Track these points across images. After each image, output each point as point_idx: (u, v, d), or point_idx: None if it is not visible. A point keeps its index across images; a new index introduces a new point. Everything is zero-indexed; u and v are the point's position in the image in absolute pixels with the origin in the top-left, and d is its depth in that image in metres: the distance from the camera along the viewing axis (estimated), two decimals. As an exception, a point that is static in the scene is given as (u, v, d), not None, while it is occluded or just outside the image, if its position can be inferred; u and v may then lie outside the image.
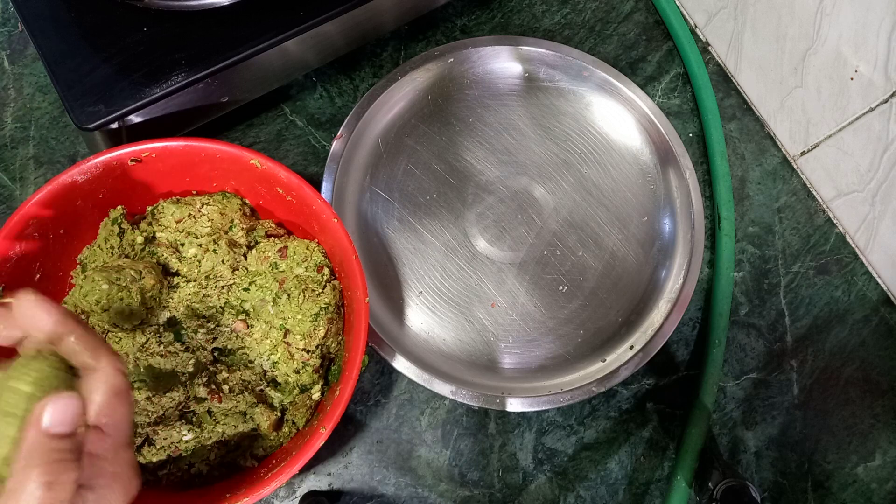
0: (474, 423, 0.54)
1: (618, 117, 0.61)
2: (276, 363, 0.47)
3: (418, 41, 0.63)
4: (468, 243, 0.57)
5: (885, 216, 0.57)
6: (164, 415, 0.44)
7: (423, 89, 0.59)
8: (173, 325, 0.46)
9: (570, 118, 0.61)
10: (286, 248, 0.48)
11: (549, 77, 0.61)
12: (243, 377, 0.46)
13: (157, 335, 0.45)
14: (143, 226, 0.49)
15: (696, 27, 0.67)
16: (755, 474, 0.56)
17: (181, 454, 0.44)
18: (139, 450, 0.44)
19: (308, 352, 0.46)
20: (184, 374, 0.45)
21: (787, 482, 0.56)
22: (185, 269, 0.48)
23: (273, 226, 0.51)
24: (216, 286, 0.47)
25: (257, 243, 0.49)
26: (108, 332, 0.44)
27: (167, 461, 0.44)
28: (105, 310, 0.44)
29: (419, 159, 0.58)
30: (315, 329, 0.46)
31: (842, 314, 0.60)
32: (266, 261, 0.48)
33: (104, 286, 0.44)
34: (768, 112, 0.64)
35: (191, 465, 0.45)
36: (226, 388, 0.45)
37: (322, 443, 0.42)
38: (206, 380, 0.45)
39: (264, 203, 0.50)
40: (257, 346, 0.47)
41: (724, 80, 0.65)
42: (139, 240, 0.48)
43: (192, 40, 0.47)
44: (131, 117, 0.46)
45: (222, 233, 0.48)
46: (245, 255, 0.49)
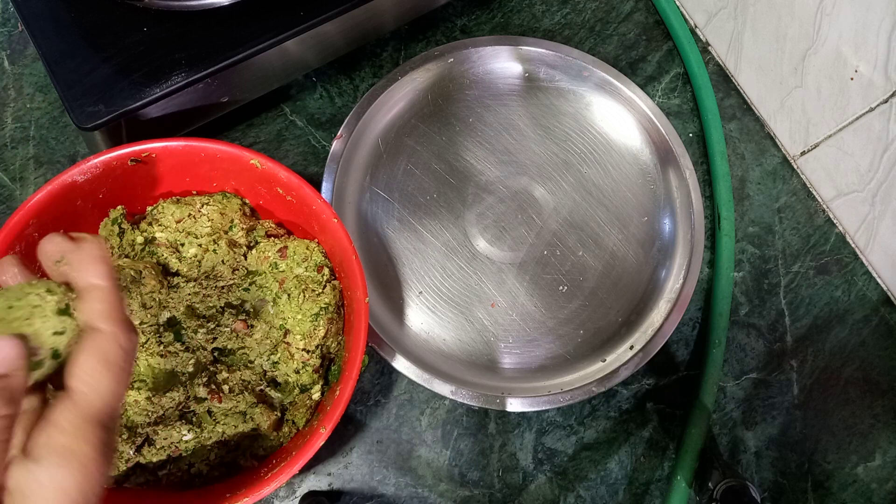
0: (474, 423, 0.54)
1: (618, 117, 0.61)
2: (276, 363, 0.47)
3: (418, 41, 0.63)
4: (468, 243, 0.57)
5: (885, 216, 0.57)
6: (164, 415, 0.44)
7: (423, 89, 0.59)
8: (173, 325, 0.46)
9: (570, 118, 0.61)
10: (286, 248, 0.48)
11: (549, 77, 0.61)
12: (243, 377, 0.46)
13: (157, 335, 0.45)
14: (143, 226, 0.49)
15: (696, 27, 0.67)
16: (755, 474, 0.56)
17: (181, 454, 0.44)
18: (139, 450, 0.44)
19: (308, 352, 0.47)
20: (184, 374, 0.45)
21: (787, 482, 0.56)
22: (185, 269, 0.48)
23: (273, 226, 0.51)
24: (216, 286, 0.47)
25: (257, 243, 0.49)
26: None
27: (167, 461, 0.44)
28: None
29: (419, 159, 0.58)
30: (315, 329, 0.46)
31: (842, 314, 0.60)
32: (266, 261, 0.48)
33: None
34: (768, 112, 0.64)
35: (191, 465, 0.45)
36: (226, 388, 0.45)
37: (322, 443, 0.42)
38: (206, 380, 0.45)
39: (264, 203, 0.50)
40: (257, 346, 0.47)
41: (724, 80, 0.65)
42: (139, 240, 0.48)
43: (192, 40, 0.47)
44: (131, 117, 0.46)
45: (222, 233, 0.48)
46: (245, 255, 0.49)
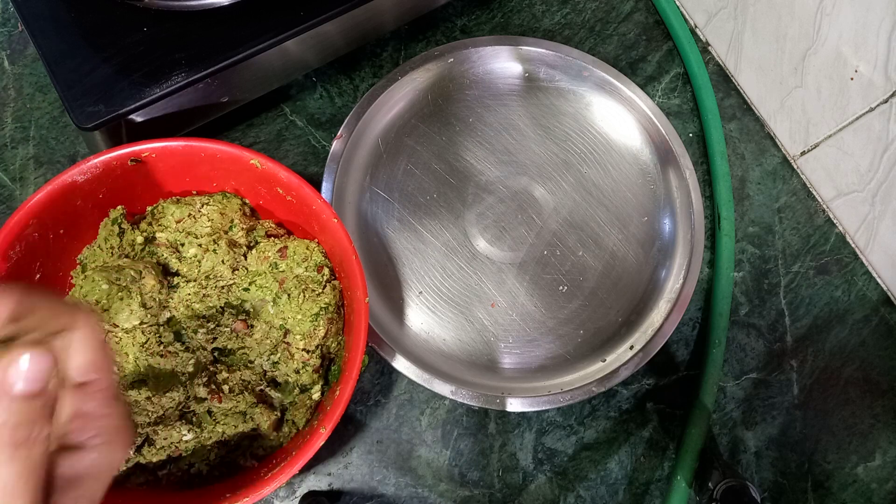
0: (474, 423, 0.54)
1: (618, 117, 0.61)
2: (276, 363, 0.47)
3: (418, 41, 0.63)
4: (468, 243, 0.57)
5: (885, 216, 0.57)
6: (164, 415, 0.44)
7: (423, 89, 0.59)
8: (173, 325, 0.46)
9: (570, 118, 0.61)
10: (286, 248, 0.48)
11: (549, 77, 0.61)
12: (243, 377, 0.46)
13: (157, 335, 0.45)
14: (143, 226, 0.49)
15: (696, 27, 0.67)
16: (755, 474, 0.56)
17: (181, 454, 0.44)
18: (139, 450, 0.44)
19: (308, 352, 0.47)
20: (184, 374, 0.45)
21: (787, 482, 0.56)
22: (185, 269, 0.48)
23: (273, 226, 0.51)
24: (216, 286, 0.47)
25: (257, 243, 0.49)
26: (109, 332, 0.44)
27: (167, 461, 0.44)
28: (105, 310, 0.44)
29: (419, 159, 0.58)
30: (315, 329, 0.46)
31: (842, 314, 0.60)
32: (266, 261, 0.48)
33: (104, 286, 0.44)
34: (768, 112, 0.64)
35: (191, 465, 0.45)
36: (226, 388, 0.45)
37: (322, 443, 0.42)
38: (206, 380, 0.45)
39: (264, 203, 0.50)
40: (257, 346, 0.47)
41: (724, 80, 0.65)
42: (139, 240, 0.48)
43: (192, 40, 0.47)
44: (131, 117, 0.46)
45: (222, 233, 0.48)
46: (245, 255, 0.49)
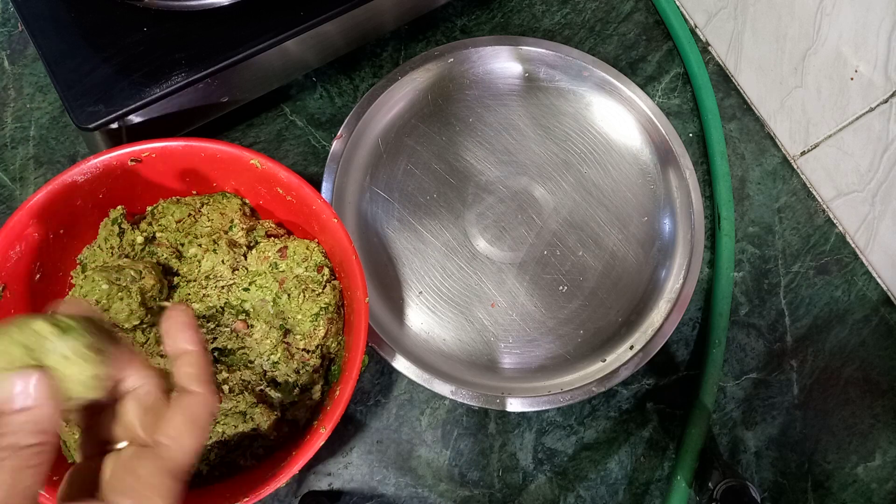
0: (474, 423, 0.54)
1: (618, 117, 0.61)
2: (276, 363, 0.46)
3: (418, 41, 0.63)
4: (468, 243, 0.57)
5: (885, 216, 0.57)
6: (164, 415, 0.44)
7: (423, 89, 0.59)
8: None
9: (570, 118, 0.61)
10: (286, 248, 0.48)
11: (549, 77, 0.61)
12: (243, 377, 0.46)
13: (157, 335, 0.45)
14: (143, 226, 0.49)
15: (696, 27, 0.67)
16: (755, 474, 0.56)
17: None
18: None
19: (308, 352, 0.47)
20: (184, 374, 0.45)
21: (787, 482, 0.56)
22: (185, 269, 0.48)
23: (273, 226, 0.51)
24: (216, 286, 0.47)
25: (257, 243, 0.49)
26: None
27: (167, 461, 0.44)
28: (105, 310, 0.44)
29: (419, 159, 0.58)
30: (315, 329, 0.46)
31: (842, 314, 0.60)
32: (266, 261, 0.48)
33: (104, 286, 0.44)
34: (768, 112, 0.64)
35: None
36: (226, 388, 0.45)
37: (322, 443, 0.42)
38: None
39: (264, 203, 0.50)
40: (257, 346, 0.47)
41: (724, 80, 0.65)
42: (139, 240, 0.48)
43: (192, 40, 0.47)
44: (131, 117, 0.46)
45: (222, 233, 0.48)
46: (245, 255, 0.49)
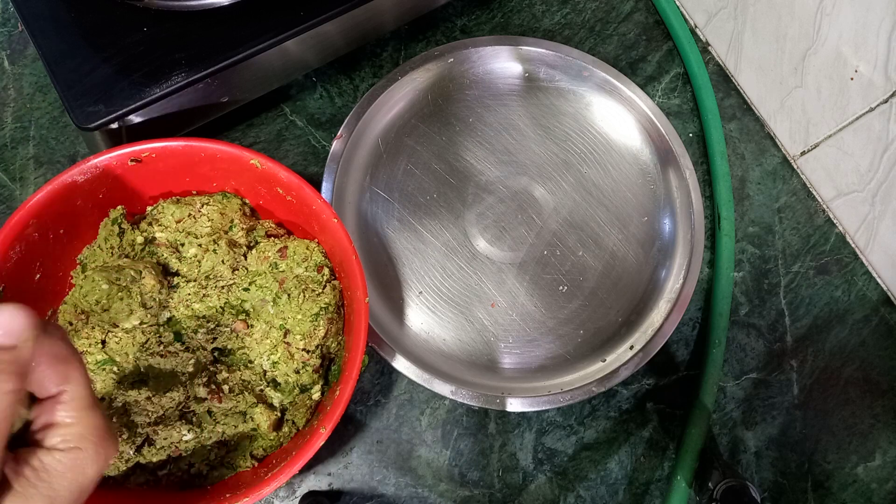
0: (474, 423, 0.54)
1: (618, 117, 0.61)
2: (276, 363, 0.46)
3: (418, 41, 0.63)
4: (468, 243, 0.57)
5: (885, 216, 0.57)
6: (164, 415, 0.44)
7: (423, 89, 0.59)
8: (173, 325, 0.46)
9: (570, 118, 0.61)
10: (286, 248, 0.48)
11: (549, 77, 0.61)
12: (243, 377, 0.46)
13: (157, 335, 0.45)
14: (143, 226, 0.49)
15: (696, 27, 0.67)
16: (755, 474, 0.56)
17: (181, 454, 0.44)
18: (139, 450, 0.44)
19: (308, 352, 0.46)
20: (184, 374, 0.45)
21: (787, 482, 0.56)
22: (185, 269, 0.48)
23: (273, 226, 0.51)
24: (216, 286, 0.47)
25: (257, 243, 0.49)
26: (109, 332, 0.44)
27: (167, 461, 0.44)
28: (105, 310, 0.44)
29: (419, 159, 0.58)
30: (315, 329, 0.46)
31: (842, 314, 0.60)
32: (266, 261, 0.48)
33: (104, 286, 0.44)
34: (768, 112, 0.64)
35: (191, 465, 0.45)
36: (226, 388, 0.45)
37: (322, 443, 0.42)
38: (206, 380, 0.45)
39: (264, 203, 0.50)
40: (257, 346, 0.47)
41: (724, 80, 0.65)
42: (139, 240, 0.48)
43: (192, 40, 0.47)
44: (131, 117, 0.46)
45: (222, 233, 0.48)
46: (245, 255, 0.49)
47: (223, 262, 0.47)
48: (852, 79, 0.54)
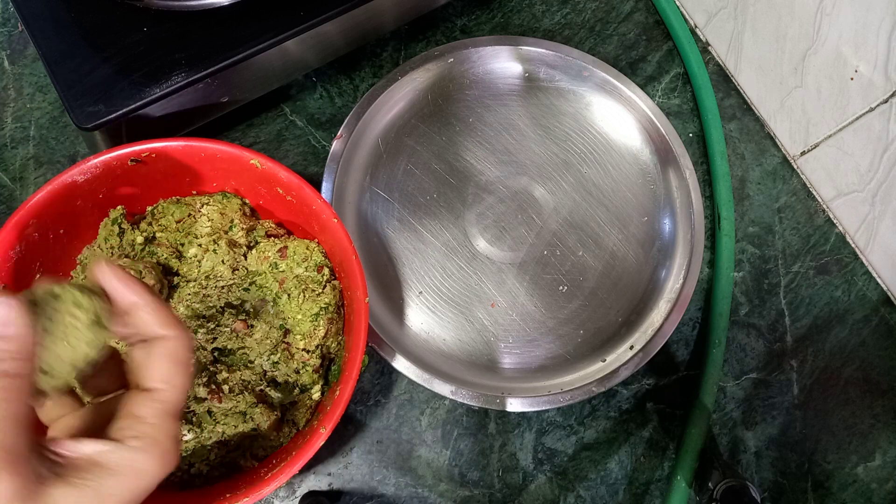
0: (474, 423, 0.54)
1: (618, 117, 0.61)
2: (276, 363, 0.47)
3: (418, 41, 0.63)
4: (468, 243, 0.57)
5: (885, 216, 0.57)
6: (164, 415, 0.44)
7: (423, 89, 0.59)
8: (173, 325, 0.46)
9: (570, 118, 0.61)
10: (286, 248, 0.48)
11: (549, 77, 0.61)
12: (243, 377, 0.46)
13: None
14: (143, 226, 0.49)
15: (696, 27, 0.67)
16: (755, 474, 0.56)
17: (181, 454, 0.44)
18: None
19: (308, 352, 0.47)
20: (184, 374, 0.45)
21: (787, 482, 0.56)
22: (185, 269, 0.48)
23: (273, 226, 0.51)
24: (216, 286, 0.47)
25: (257, 243, 0.50)
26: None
27: (167, 461, 0.44)
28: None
29: (419, 159, 0.58)
30: (315, 329, 0.46)
31: (842, 314, 0.60)
32: (266, 261, 0.48)
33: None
34: (768, 112, 0.64)
35: (191, 465, 0.45)
36: (226, 388, 0.45)
37: (322, 443, 0.42)
38: (206, 380, 0.45)
39: (264, 203, 0.50)
40: (257, 346, 0.47)
41: (724, 80, 0.65)
42: (139, 240, 0.48)
43: (192, 40, 0.47)
44: (131, 117, 0.46)
45: (222, 233, 0.48)
46: (245, 255, 0.49)
47: (223, 262, 0.47)
48: (852, 79, 0.54)
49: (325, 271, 0.48)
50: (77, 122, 0.45)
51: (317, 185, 0.52)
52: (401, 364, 0.51)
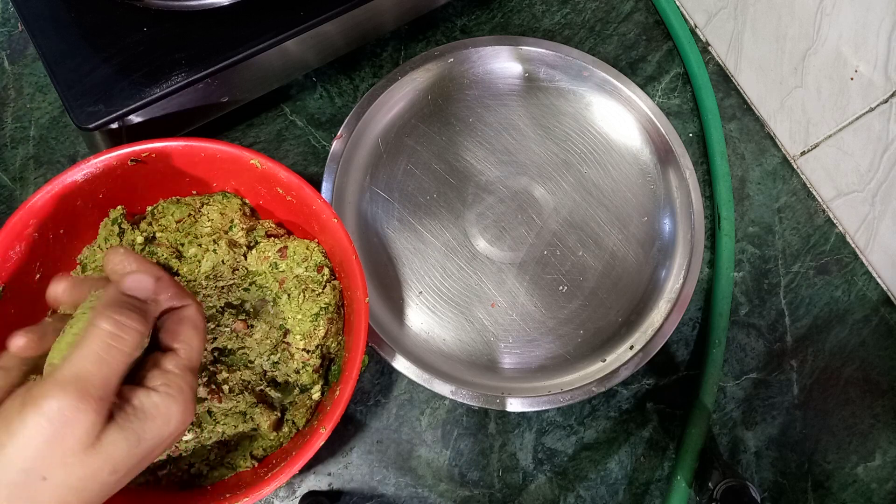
0: (474, 423, 0.54)
1: (618, 117, 0.61)
2: (276, 363, 0.47)
3: (418, 41, 0.63)
4: (468, 243, 0.57)
5: (885, 216, 0.57)
6: (164, 415, 0.44)
7: (423, 89, 0.59)
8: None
9: (570, 118, 0.61)
10: (286, 248, 0.48)
11: (549, 77, 0.61)
12: (243, 377, 0.46)
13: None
14: (143, 226, 0.49)
15: (696, 27, 0.67)
16: (755, 474, 0.56)
17: (181, 454, 0.44)
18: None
19: (308, 352, 0.47)
20: (184, 374, 0.45)
21: (787, 482, 0.56)
22: (185, 269, 0.48)
23: (273, 226, 0.51)
24: (216, 286, 0.47)
25: (257, 243, 0.49)
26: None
27: (167, 461, 0.44)
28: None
29: (419, 159, 0.58)
30: (315, 329, 0.46)
31: (842, 314, 0.60)
32: (266, 261, 0.48)
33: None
34: (768, 112, 0.64)
35: (191, 465, 0.45)
36: (226, 388, 0.45)
37: (322, 443, 0.42)
38: (206, 380, 0.45)
39: (264, 203, 0.50)
40: (257, 346, 0.47)
41: (724, 80, 0.65)
42: (139, 240, 0.48)
43: (192, 40, 0.47)
44: (131, 117, 0.46)
45: (222, 233, 0.48)
46: (245, 255, 0.49)
47: (223, 262, 0.47)
48: (852, 79, 0.54)
49: (325, 271, 0.48)
50: (77, 122, 0.45)
51: (317, 185, 0.52)
52: (401, 364, 0.51)
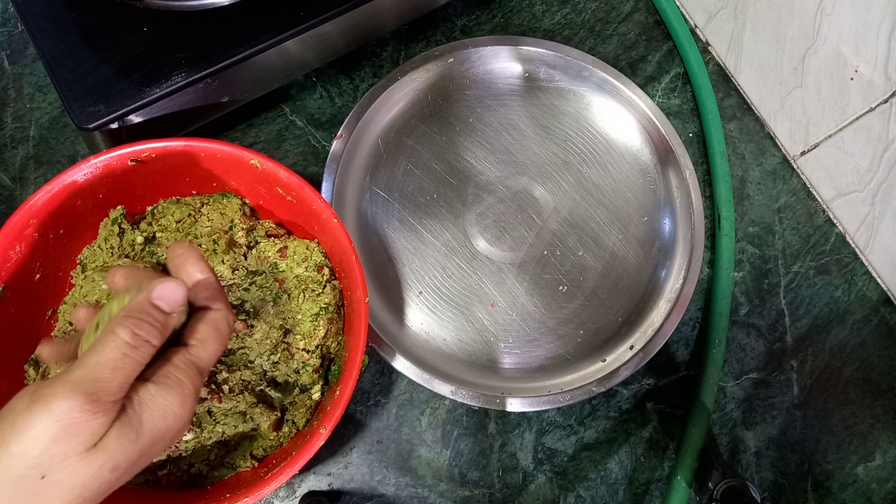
0: (474, 423, 0.54)
1: (618, 117, 0.61)
2: (276, 363, 0.47)
3: (418, 41, 0.63)
4: (468, 243, 0.57)
5: (885, 216, 0.57)
6: (164, 415, 0.44)
7: (423, 89, 0.59)
8: (173, 325, 0.46)
9: (570, 118, 0.61)
10: (286, 248, 0.48)
11: (549, 77, 0.61)
12: (243, 377, 0.46)
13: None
14: (143, 226, 0.49)
15: (696, 27, 0.67)
16: (755, 474, 0.56)
17: (181, 454, 0.44)
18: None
19: (308, 352, 0.47)
20: (184, 374, 0.45)
21: (787, 482, 0.56)
22: (185, 269, 0.48)
23: (273, 226, 0.51)
24: (216, 286, 0.47)
25: (257, 243, 0.49)
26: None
27: (167, 461, 0.44)
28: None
29: (419, 159, 0.58)
30: (315, 329, 0.46)
31: (842, 314, 0.60)
32: (266, 261, 0.48)
33: (104, 286, 0.44)
34: (768, 112, 0.64)
35: (191, 465, 0.45)
36: (226, 388, 0.45)
37: (322, 443, 0.42)
38: (205, 380, 0.45)
39: (264, 203, 0.50)
40: (257, 346, 0.46)
41: (724, 80, 0.65)
42: (139, 240, 0.48)
43: (192, 40, 0.47)
44: (131, 117, 0.46)
45: (222, 233, 0.48)
46: (245, 255, 0.49)
47: (223, 262, 0.47)
48: (852, 79, 0.54)
49: (325, 271, 0.48)
50: (77, 122, 0.45)
51: (317, 185, 0.52)
52: (401, 364, 0.51)
